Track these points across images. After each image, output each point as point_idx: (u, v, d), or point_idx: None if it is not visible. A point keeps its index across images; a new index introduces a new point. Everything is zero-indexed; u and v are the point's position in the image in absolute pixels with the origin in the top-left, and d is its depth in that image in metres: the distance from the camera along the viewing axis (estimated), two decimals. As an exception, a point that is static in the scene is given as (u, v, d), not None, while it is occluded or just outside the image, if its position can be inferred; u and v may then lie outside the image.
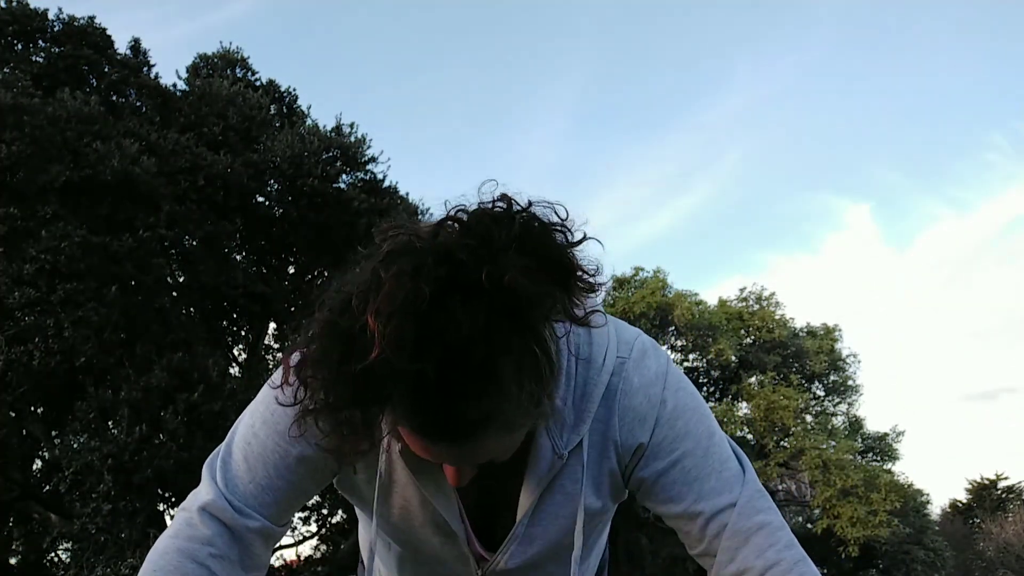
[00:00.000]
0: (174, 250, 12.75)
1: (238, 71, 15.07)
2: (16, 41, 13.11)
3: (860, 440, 22.55)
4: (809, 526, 20.61)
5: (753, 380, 21.36)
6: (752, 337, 22.15)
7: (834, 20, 35.90)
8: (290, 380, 0.87)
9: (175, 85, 14.49)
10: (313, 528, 14.97)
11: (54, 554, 12.94)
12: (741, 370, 21.64)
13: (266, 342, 14.86)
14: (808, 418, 21.48)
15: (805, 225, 41.41)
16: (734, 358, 21.32)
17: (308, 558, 15.16)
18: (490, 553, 1.09)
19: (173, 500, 12.17)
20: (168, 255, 12.59)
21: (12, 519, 12.88)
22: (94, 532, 10.09)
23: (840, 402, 23.28)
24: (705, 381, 22.24)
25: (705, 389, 22.04)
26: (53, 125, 11.02)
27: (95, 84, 13.29)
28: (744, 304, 22.52)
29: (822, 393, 23.19)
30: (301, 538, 14.91)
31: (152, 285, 11.83)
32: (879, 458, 22.66)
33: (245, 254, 14.42)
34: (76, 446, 10.60)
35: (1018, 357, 42.95)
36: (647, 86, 38.41)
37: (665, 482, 1.02)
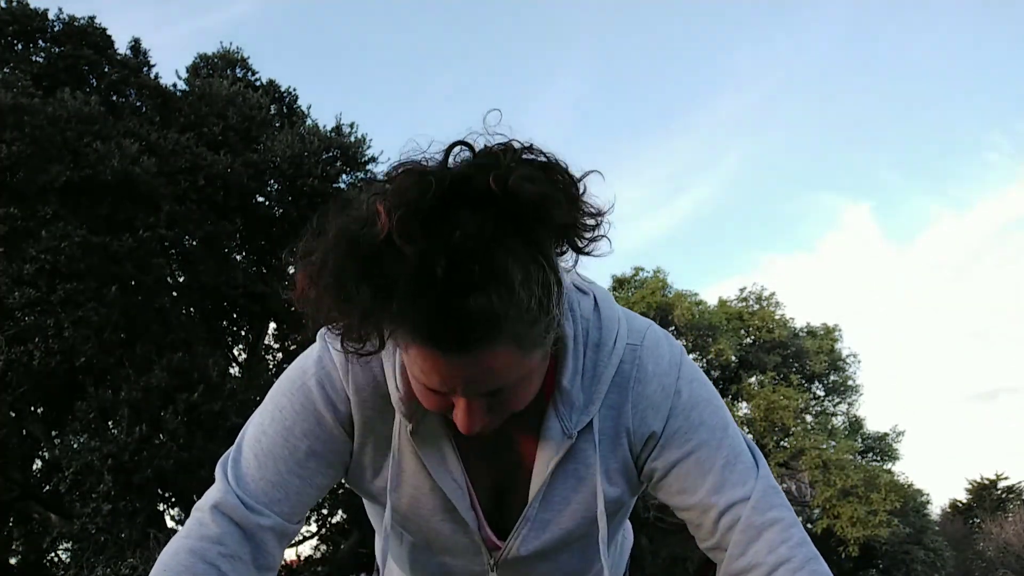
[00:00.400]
0: (174, 250, 12.75)
1: (238, 71, 15.07)
2: (16, 41, 13.12)
3: (860, 440, 22.54)
4: (809, 526, 20.56)
5: (753, 380, 21.35)
6: (752, 337, 22.13)
7: (834, 20, 35.94)
8: (305, 283, 0.85)
9: (175, 85, 14.52)
10: (313, 528, 14.99)
11: (54, 554, 12.93)
12: (741, 370, 21.61)
13: (266, 342, 14.87)
14: (808, 418, 21.47)
15: (805, 225, 41.50)
16: (734, 358, 21.30)
17: (308, 558, 15.17)
18: (502, 541, 1.09)
19: (173, 500, 12.18)
20: (168, 255, 12.59)
21: (12, 519, 12.88)
22: (94, 532, 10.09)
23: (840, 402, 23.28)
24: (705, 381, 22.17)
25: (705, 389, 21.94)
26: (53, 125, 11.03)
27: (95, 84, 13.29)
28: (744, 304, 22.50)
29: (822, 393, 23.17)
30: (301, 538, 14.87)
31: (152, 285, 11.83)
32: (879, 458, 22.65)
33: (245, 254, 14.42)
34: (76, 446, 10.61)
35: (1018, 357, 42.96)
36: (647, 86, 38.50)
37: (679, 472, 1.02)
